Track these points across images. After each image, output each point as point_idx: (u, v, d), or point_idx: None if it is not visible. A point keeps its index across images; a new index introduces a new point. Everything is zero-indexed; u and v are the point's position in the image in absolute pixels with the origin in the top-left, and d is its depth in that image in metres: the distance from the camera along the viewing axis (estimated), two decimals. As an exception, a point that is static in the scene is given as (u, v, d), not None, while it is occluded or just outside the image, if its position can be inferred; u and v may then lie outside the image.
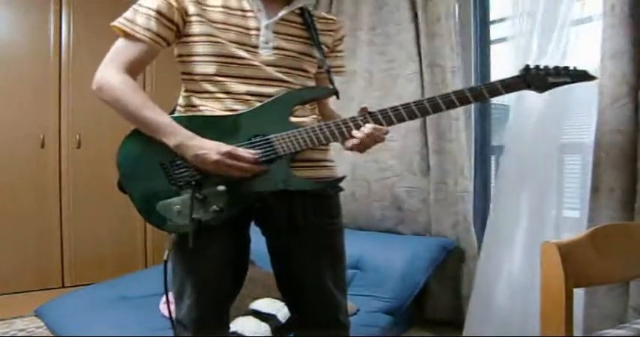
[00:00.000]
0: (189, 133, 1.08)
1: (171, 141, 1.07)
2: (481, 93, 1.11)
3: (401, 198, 2.43)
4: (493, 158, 2.39)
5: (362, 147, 1.12)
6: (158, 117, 1.09)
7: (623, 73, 1.51)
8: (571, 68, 1.13)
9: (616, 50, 1.52)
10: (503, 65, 2.10)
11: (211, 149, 1.06)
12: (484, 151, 2.39)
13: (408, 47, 2.39)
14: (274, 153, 1.11)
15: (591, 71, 1.17)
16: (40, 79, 2.77)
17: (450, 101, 1.11)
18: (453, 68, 2.19)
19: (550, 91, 1.15)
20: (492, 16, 2.33)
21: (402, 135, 2.40)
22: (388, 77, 2.46)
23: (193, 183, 1.08)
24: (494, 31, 2.32)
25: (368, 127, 1.10)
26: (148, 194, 1.11)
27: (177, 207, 1.09)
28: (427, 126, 2.33)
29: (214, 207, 1.08)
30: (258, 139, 1.11)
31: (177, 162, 1.10)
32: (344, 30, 1.34)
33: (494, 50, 2.34)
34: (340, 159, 2.60)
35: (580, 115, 1.82)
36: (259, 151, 1.10)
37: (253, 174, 1.09)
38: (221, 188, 1.08)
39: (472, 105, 2.35)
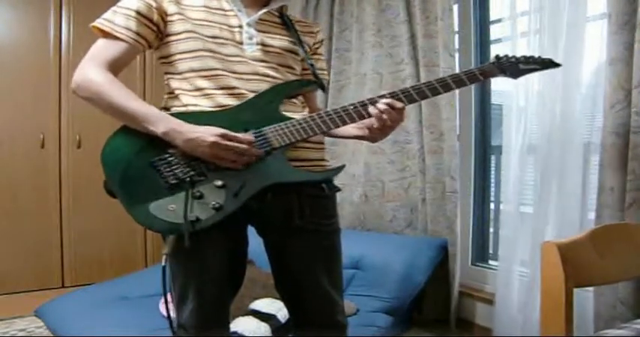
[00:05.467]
0: (180, 121, 1.05)
1: (160, 128, 1.04)
2: (461, 80, 1.13)
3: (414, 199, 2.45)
4: (493, 158, 2.39)
5: (381, 127, 1.12)
6: (145, 106, 1.06)
7: (619, 78, 1.53)
8: (537, 57, 1.17)
9: (613, 56, 1.55)
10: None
11: (205, 131, 1.04)
12: (484, 151, 2.40)
13: (407, 47, 2.40)
14: (269, 145, 1.09)
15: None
16: (40, 79, 2.77)
17: (434, 88, 1.13)
18: (446, 69, 2.19)
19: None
20: (492, 16, 2.34)
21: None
22: (397, 79, 2.46)
23: (187, 179, 1.05)
24: (494, 31, 2.32)
25: (382, 102, 1.11)
26: (139, 195, 1.05)
27: (173, 206, 1.04)
28: (423, 126, 2.34)
29: (213, 203, 1.05)
30: (250, 132, 1.09)
31: (169, 159, 1.06)
32: (322, 34, 1.36)
33: (494, 50, 2.34)
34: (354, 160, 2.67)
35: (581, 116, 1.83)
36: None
37: (249, 162, 1.07)
38: (218, 183, 1.06)
39: (472, 105, 2.36)
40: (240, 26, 1.16)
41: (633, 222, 1.48)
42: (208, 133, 1.03)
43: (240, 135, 1.06)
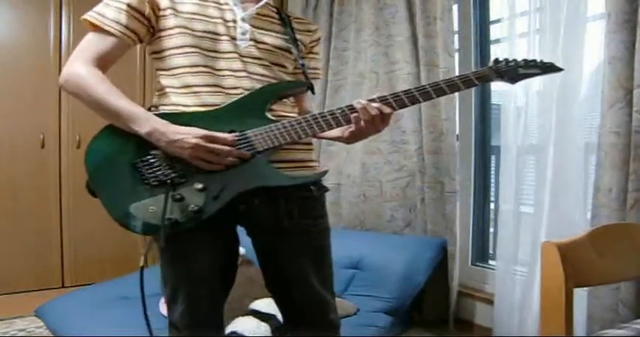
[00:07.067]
0: (164, 121, 1.04)
1: (144, 128, 1.03)
2: (455, 85, 1.09)
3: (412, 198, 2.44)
4: (493, 158, 2.39)
5: (365, 126, 1.09)
6: (129, 105, 1.05)
7: (618, 77, 1.53)
8: (538, 61, 1.14)
9: (612, 55, 1.54)
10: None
11: (188, 133, 1.02)
12: (484, 151, 2.40)
13: (407, 47, 2.40)
14: (253, 148, 1.08)
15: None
16: (40, 79, 2.77)
17: (426, 92, 1.09)
18: (444, 69, 2.19)
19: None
20: (492, 16, 2.33)
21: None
22: (394, 78, 2.46)
23: (168, 181, 1.04)
24: (494, 31, 2.32)
25: (364, 103, 1.08)
26: (119, 196, 1.05)
27: (152, 208, 1.04)
28: (422, 126, 2.34)
29: (192, 206, 1.04)
30: (234, 135, 1.07)
31: (151, 161, 1.05)
32: (320, 33, 1.34)
33: (494, 50, 2.34)
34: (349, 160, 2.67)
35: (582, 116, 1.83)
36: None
37: (232, 163, 1.05)
38: (199, 186, 1.04)
39: (472, 105, 2.36)
40: (234, 21, 1.14)
41: (635, 222, 1.48)
42: (191, 135, 1.03)
43: (222, 135, 1.05)
